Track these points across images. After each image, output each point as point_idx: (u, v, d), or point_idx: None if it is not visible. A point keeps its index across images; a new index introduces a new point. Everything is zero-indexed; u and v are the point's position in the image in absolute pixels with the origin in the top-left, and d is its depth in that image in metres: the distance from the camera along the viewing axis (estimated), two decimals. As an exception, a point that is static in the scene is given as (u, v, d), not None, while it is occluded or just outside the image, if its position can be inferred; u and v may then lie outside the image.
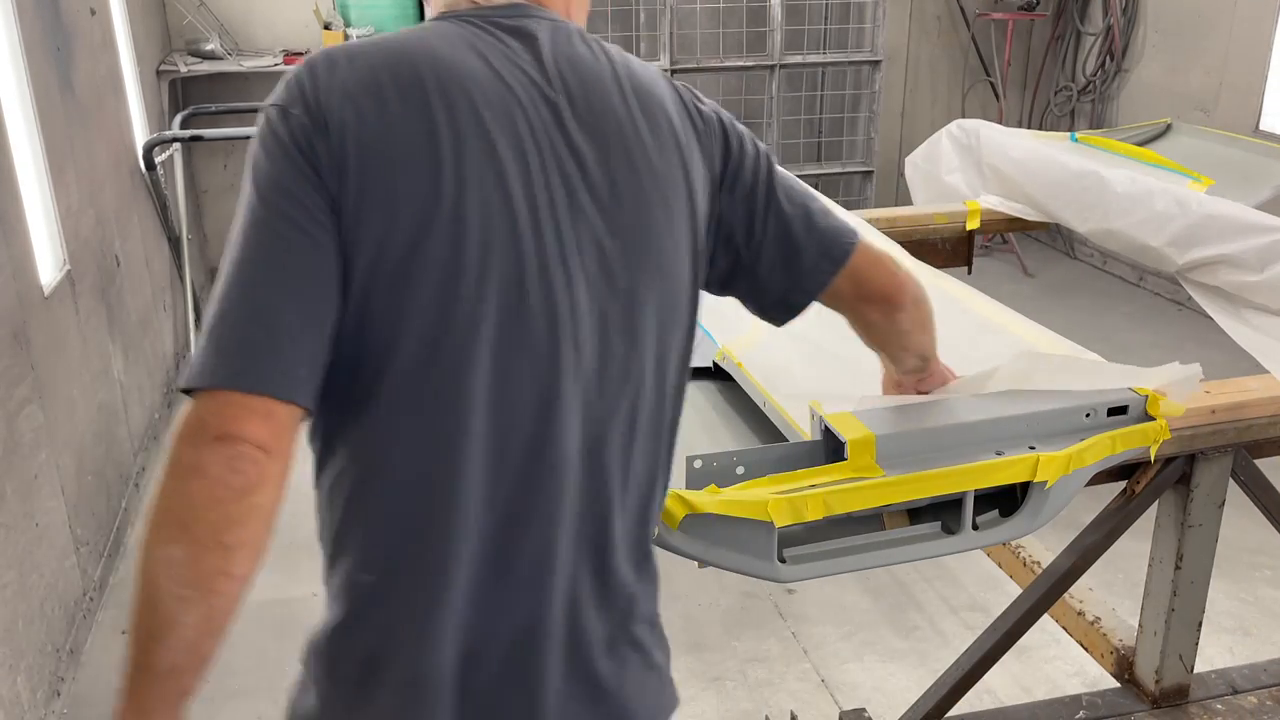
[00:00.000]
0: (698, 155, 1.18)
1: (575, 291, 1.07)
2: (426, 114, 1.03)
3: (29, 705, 2.49)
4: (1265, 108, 5.15)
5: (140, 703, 0.96)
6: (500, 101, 1.06)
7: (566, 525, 1.09)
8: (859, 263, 1.30)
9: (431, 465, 1.04)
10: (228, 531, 0.96)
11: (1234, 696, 2.07)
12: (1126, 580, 3.15)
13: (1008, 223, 3.40)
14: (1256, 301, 2.61)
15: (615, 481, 1.12)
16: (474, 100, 1.05)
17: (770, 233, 1.25)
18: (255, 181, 1.02)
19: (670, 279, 1.14)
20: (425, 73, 1.05)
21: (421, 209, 1.01)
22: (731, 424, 1.89)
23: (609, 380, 1.10)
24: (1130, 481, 1.92)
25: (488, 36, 1.11)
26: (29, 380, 2.68)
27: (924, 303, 1.42)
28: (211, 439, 0.96)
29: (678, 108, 1.18)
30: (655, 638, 1.29)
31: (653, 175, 1.12)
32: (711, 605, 3.13)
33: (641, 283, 1.11)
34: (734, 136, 1.24)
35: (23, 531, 2.55)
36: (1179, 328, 5.34)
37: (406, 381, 1.02)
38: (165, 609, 0.95)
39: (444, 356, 1.02)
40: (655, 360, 1.13)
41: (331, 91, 1.03)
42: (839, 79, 6.37)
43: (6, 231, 2.66)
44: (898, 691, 2.76)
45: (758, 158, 1.25)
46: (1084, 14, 6.27)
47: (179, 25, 5.46)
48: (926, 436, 1.52)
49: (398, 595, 1.06)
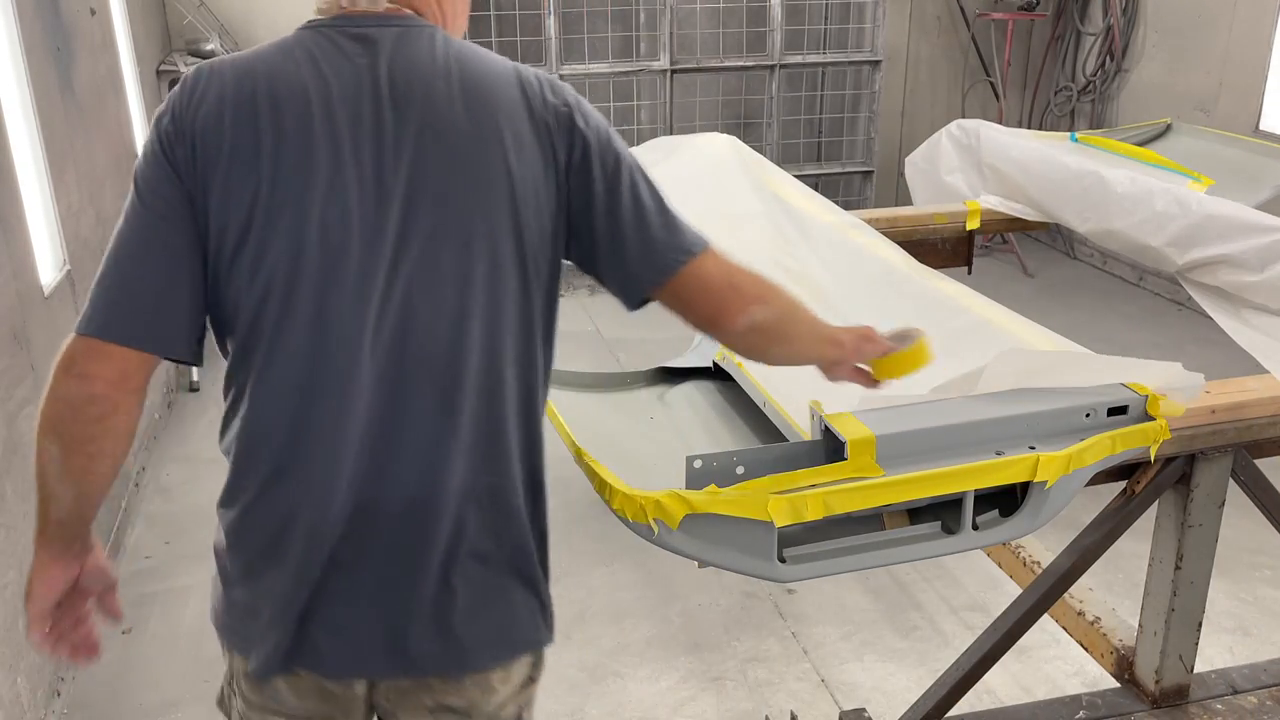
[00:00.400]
0: (532, 143, 1.33)
1: (380, 248, 1.28)
2: (254, 124, 1.27)
3: (29, 705, 2.49)
4: (1265, 108, 5.15)
5: (44, 543, 1.46)
6: (323, 102, 1.28)
7: (353, 446, 1.31)
8: (686, 282, 1.39)
9: (296, 382, 1.30)
10: (89, 443, 1.35)
11: (1234, 696, 2.07)
12: (1126, 580, 3.15)
13: (1008, 223, 3.41)
14: (1256, 301, 2.61)
15: (432, 405, 1.32)
16: (299, 105, 1.28)
17: (603, 231, 1.38)
18: (135, 178, 1.31)
19: (475, 237, 1.31)
20: (260, 87, 1.29)
21: (248, 201, 1.26)
22: (731, 424, 1.89)
23: (416, 314, 1.30)
24: (1130, 481, 1.92)
25: (329, 45, 1.32)
26: (29, 380, 2.68)
27: (769, 329, 1.45)
28: (76, 374, 1.30)
29: (518, 103, 1.34)
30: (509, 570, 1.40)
31: (464, 154, 1.30)
32: (711, 605, 3.13)
33: (443, 235, 1.30)
34: (581, 133, 1.36)
35: (23, 531, 2.55)
36: (1179, 328, 5.34)
37: (250, 333, 1.30)
38: (49, 486, 1.44)
39: (272, 310, 1.28)
40: (461, 299, 1.31)
41: (191, 106, 1.29)
42: (839, 79, 6.37)
43: (6, 231, 2.66)
44: (898, 691, 2.77)
45: (604, 156, 1.37)
46: (1084, 14, 6.27)
47: (179, 25, 5.46)
48: (926, 436, 1.53)
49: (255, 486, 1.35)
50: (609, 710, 2.72)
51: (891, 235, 2.78)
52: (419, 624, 1.34)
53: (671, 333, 4.20)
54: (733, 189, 2.95)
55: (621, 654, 2.92)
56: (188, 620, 3.09)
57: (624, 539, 3.37)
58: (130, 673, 2.87)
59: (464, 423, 1.33)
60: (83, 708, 2.74)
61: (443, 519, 1.33)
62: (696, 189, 2.97)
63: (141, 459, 3.86)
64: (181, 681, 2.84)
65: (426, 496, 1.32)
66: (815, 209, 2.78)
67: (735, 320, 1.42)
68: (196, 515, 3.65)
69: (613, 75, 5.86)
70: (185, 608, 3.14)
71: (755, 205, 2.82)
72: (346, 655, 1.36)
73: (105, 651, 3.11)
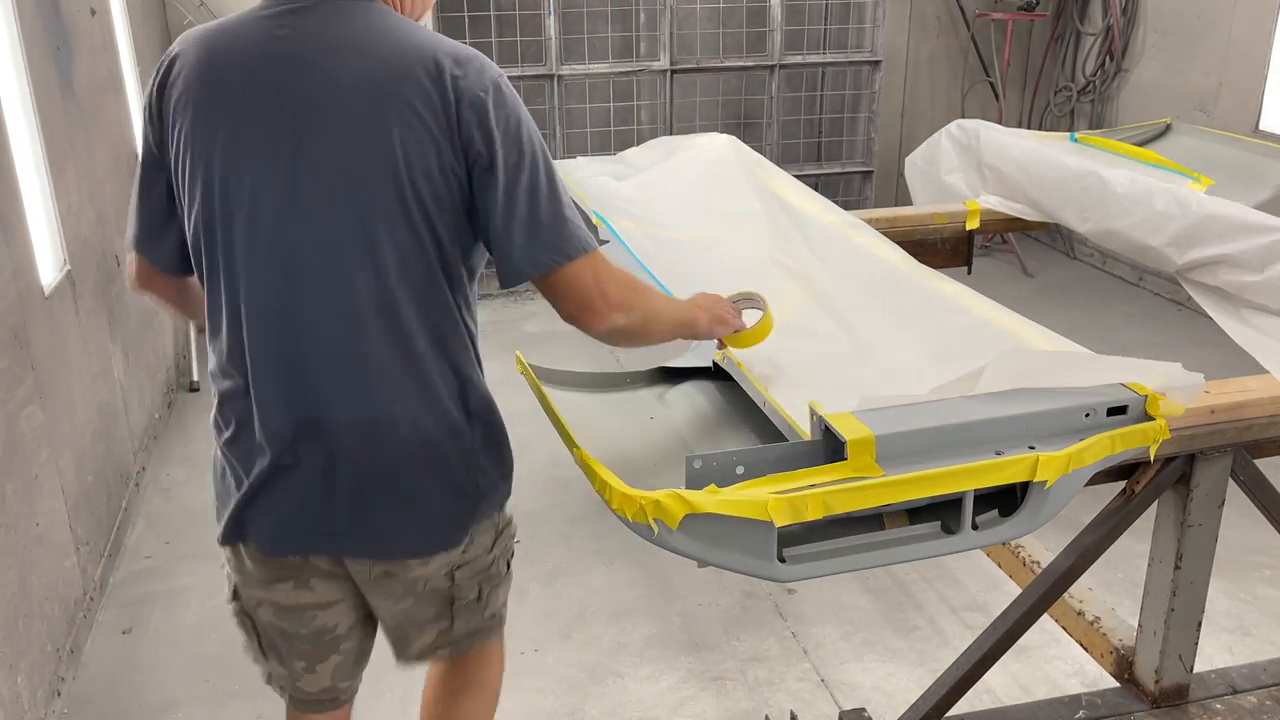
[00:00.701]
0: (431, 117, 1.48)
1: (271, 197, 1.51)
2: (192, 87, 1.55)
3: (29, 705, 2.49)
4: (1265, 108, 5.15)
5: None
6: (239, 69, 1.53)
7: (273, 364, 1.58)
8: (557, 281, 1.56)
9: (229, 308, 1.58)
10: (155, 307, 1.92)
11: (1233, 696, 2.07)
12: (1126, 580, 3.15)
13: (1007, 223, 3.41)
14: (1256, 301, 2.61)
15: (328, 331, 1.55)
16: (222, 72, 1.53)
17: (497, 216, 1.53)
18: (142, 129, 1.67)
19: (355, 192, 1.50)
20: (205, 57, 1.55)
21: (181, 152, 1.56)
22: (731, 424, 1.89)
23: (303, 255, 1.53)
24: (1130, 481, 1.92)
25: (266, 19, 1.54)
26: (29, 380, 2.68)
27: (628, 331, 1.64)
28: (128, 270, 1.76)
29: (424, 80, 1.48)
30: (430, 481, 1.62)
31: (351, 118, 1.49)
32: (711, 605, 3.13)
33: (325, 187, 1.50)
34: (490, 122, 1.49)
35: (23, 531, 2.55)
36: (1179, 328, 5.34)
37: (195, 255, 1.61)
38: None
39: (201, 248, 1.59)
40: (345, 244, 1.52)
41: (163, 68, 1.59)
42: (839, 79, 6.37)
43: (7, 231, 2.66)
44: (898, 691, 2.77)
45: (509, 148, 1.51)
46: (1084, 14, 6.27)
47: (179, 25, 5.46)
48: (926, 436, 1.53)
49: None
50: (609, 710, 2.72)
51: (891, 235, 2.78)
52: (338, 519, 1.62)
53: (671, 333, 4.13)
54: (732, 189, 2.95)
55: (621, 654, 2.92)
56: (188, 620, 3.09)
57: (624, 539, 3.38)
58: (130, 673, 2.87)
59: (370, 352, 1.54)
60: (83, 708, 2.74)
61: (362, 437, 1.56)
62: (696, 189, 2.97)
63: (141, 459, 3.86)
64: (181, 681, 2.84)
65: (353, 419, 1.56)
66: (815, 209, 2.78)
67: (597, 324, 1.60)
68: (196, 515, 3.65)
69: (613, 75, 5.86)
70: (185, 608, 3.15)
71: (755, 205, 2.82)
72: (279, 538, 1.67)
73: (105, 651, 3.12)
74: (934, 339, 2.04)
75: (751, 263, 2.59)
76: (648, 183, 3.09)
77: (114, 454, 3.48)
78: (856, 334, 2.12)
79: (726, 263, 2.57)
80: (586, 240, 1.58)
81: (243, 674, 2.86)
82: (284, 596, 1.73)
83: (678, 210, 2.88)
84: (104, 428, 3.39)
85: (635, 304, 1.63)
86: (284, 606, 1.74)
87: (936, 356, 1.97)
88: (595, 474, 1.46)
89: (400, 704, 2.71)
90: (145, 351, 4.11)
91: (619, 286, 1.61)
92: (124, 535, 3.47)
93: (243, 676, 2.85)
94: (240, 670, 2.88)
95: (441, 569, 1.71)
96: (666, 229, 2.73)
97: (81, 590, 2.98)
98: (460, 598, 1.76)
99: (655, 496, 1.38)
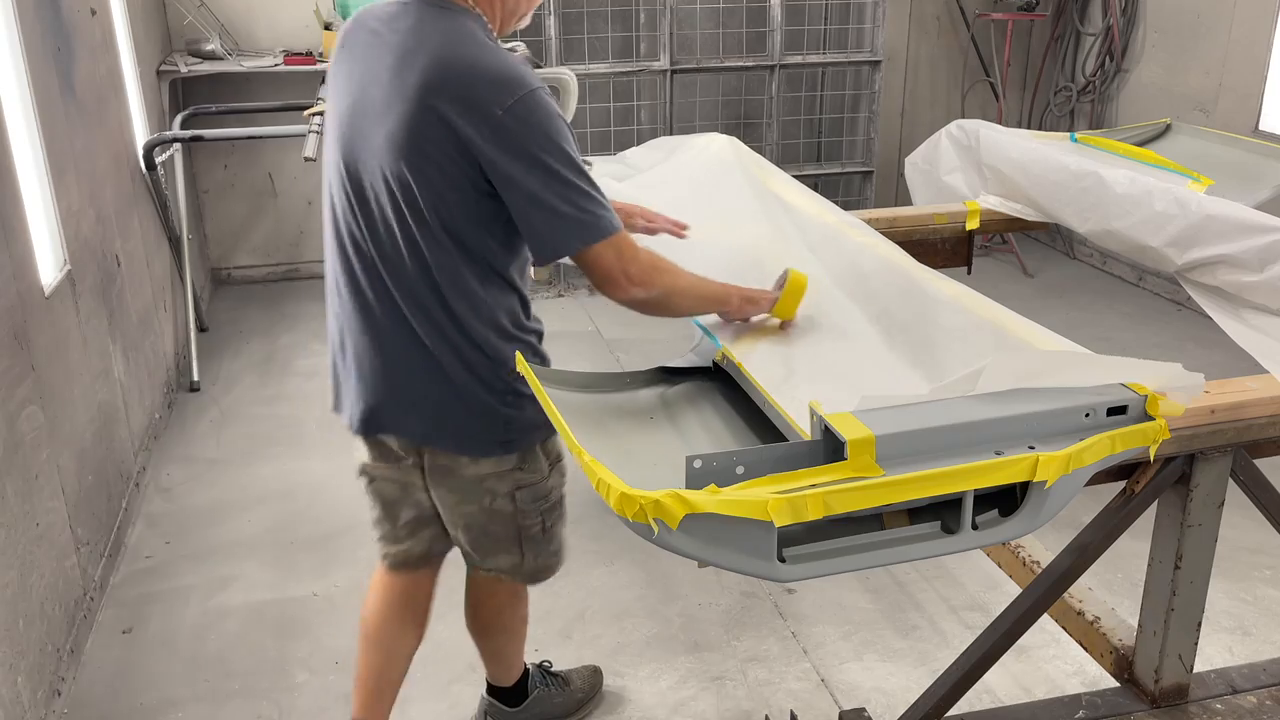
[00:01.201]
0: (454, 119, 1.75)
1: (338, 155, 1.92)
2: (340, 55, 1.96)
3: (29, 705, 2.49)
4: (1265, 108, 5.15)
5: None
6: (364, 47, 1.89)
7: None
8: (582, 260, 1.83)
9: (327, 235, 2.00)
10: None
11: (1233, 696, 2.07)
12: (1126, 580, 3.16)
13: (1007, 223, 3.40)
14: (1256, 301, 2.61)
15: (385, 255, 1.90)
16: (357, 47, 1.91)
17: (522, 212, 1.80)
18: None
19: (383, 149, 1.82)
20: (350, 31, 1.94)
21: (331, 104, 1.97)
22: (731, 424, 1.89)
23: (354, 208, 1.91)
24: (1130, 481, 1.92)
25: (385, 12, 1.89)
26: (29, 380, 2.68)
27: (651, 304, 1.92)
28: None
29: (455, 87, 1.75)
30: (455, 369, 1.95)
31: (386, 106, 1.81)
32: (711, 605, 3.13)
33: (364, 146, 1.86)
34: (510, 132, 1.74)
35: (23, 531, 2.55)
36: (1179, 328, 5.35)
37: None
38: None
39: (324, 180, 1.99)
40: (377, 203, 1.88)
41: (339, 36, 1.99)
42: (839, 79, 6.38)
43: (7, 232, 2.66)
44: (898, 691, 2.77)
45: (526, 154, 1.74)
46: (1084, 14, 6.27)
47: (179, 25, 5.46)
48: (926, 436, 1.52)
49: None
50: (609, 710, 2.72)
51: (891, 235, 2.78)
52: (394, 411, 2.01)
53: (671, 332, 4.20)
54: (732, 189, 2.94)
55: (621, 654, 2.93)
56: (188, 620, 3.09)
57: (624, 539, 3.38)
58: (130, 673, 2.87)
59: (394, 290, 1.89)
60: (83, 708, 2.74)
61: (399, 356, 1.94)
62: (696, 189, 2.97)
63: (141, 459, 3.86)
64: (181, 681, 2.84)
65: (387, 340, 1.94)
66: (815, 209, 2.78)
67: (620, 296, 1.87)
68: (197, 515, 3.65)
69: (613, 75, 5.86)
70: (185, 608, 3.15)
71: (754, 205, 2.82)
72: (355, 418, 2.06)
73: (105, 651, 3.12)
74: (934, 339, 2.04)
75: (751, 263, 2.59)
76: (648, 183, 3.09)
77: (114, 454, 3.48)
78: (856, 334, 2.12)
79: (726, 263, 2.57)
80: (609, 225, 1.81)
81: (243, 674, 2.86)
82: (382, 471, 2.13)
83: (677, 210, 2.87)
84: (104, 428, 3.39)
85: (657, 281, 1.88)
86: (383, 479, 2.14)
87: (937, 356, 1.97)
88: (595, 474, 1.46)
89: (400, 704, 2.71)
90: (145, 351, 4.11)
91: (640, 266, 1.85)
92: (124, 535, 3.47)
93: (243, 676, 2.85)
94: (240, 670, 2.88)
95: (500, 485, 2.03)
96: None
97: (81, 590, 2.98)
98: (527, 526, 2.10)
99: (655, 496, 1.38)
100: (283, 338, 5.28)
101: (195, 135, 4.71)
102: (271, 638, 3.00)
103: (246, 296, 5.89)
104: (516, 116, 1.73)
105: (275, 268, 6.12)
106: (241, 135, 4.87)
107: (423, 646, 2.74)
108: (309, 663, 2.89)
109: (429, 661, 2.87)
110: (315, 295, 5.90)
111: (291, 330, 5.38)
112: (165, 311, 4.62)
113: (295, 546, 3.47)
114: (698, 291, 1.99)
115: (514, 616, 2.42)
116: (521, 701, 2.60)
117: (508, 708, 2.60)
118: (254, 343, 5.22)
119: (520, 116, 1.73)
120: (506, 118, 1.73)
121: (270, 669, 2.88)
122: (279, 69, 5.24)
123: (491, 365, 1.93)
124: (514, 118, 1.73)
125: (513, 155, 1.74)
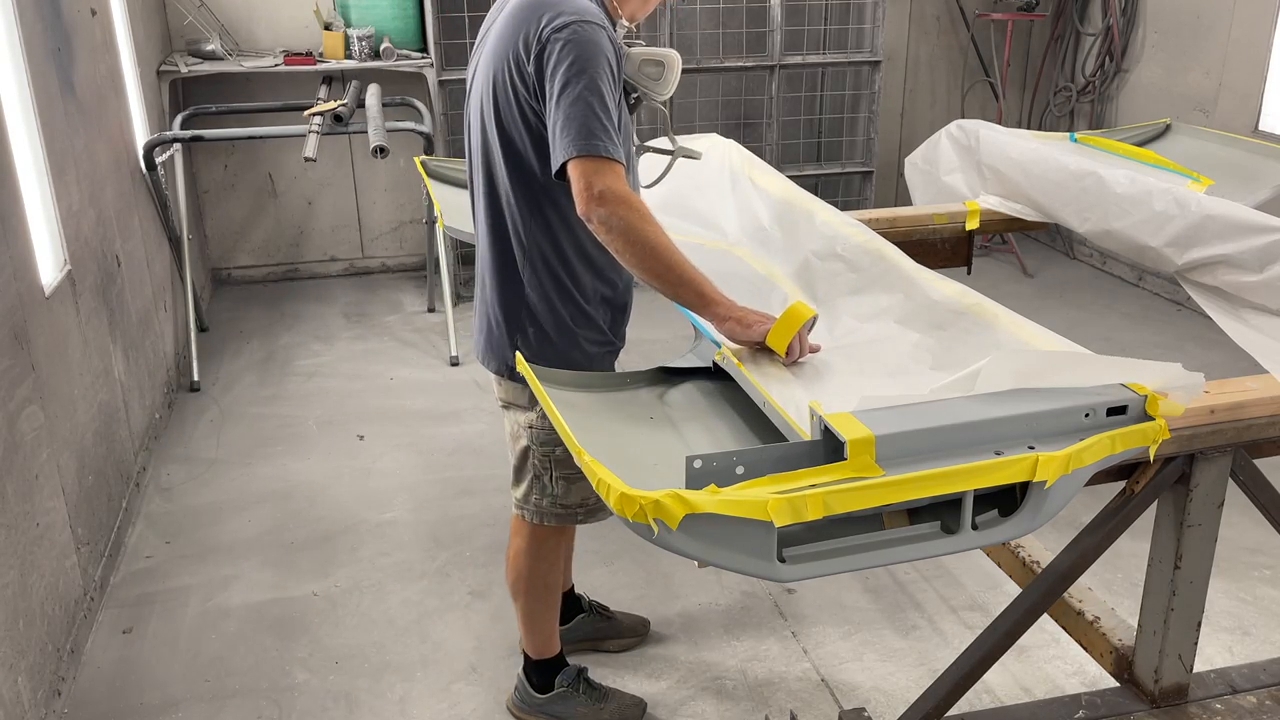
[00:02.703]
0: (525, 48, 2.01)
1: (474, 97, 2.21)
2: (487, 24, 2.24)
3: (29, 705, 2.49)
4: (1265, 108, 5.15)
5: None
6: (495, 14, 2.19)
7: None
8: (568, 171, 1.95)
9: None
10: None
11: (1233, 696, 2.07)
12: (1126, 580, 3.16)
13: (1007, 223, 3.40)
14: (1256, 301, 2.61)
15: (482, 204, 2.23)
16: (493, 16, 2.21)
17: (549, 117, 1.98)
18: None
19: (484, 95, 2.13)
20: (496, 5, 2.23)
21: (472, 64, 2.27)
22: (731, 424, 1.89)
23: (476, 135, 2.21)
24: (1129, 481, 1.92)
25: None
26: (30, 380, 2.68)
27: (607, 237, 1.97)
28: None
29: (528, 24, 2.01)
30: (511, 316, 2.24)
31: (493, 50, 2.11)
32: (711, 605, 3.13)
33: (479, 93, 2.16)
34: (551, 51, 1.96)
35: (23, 531, 2.55)
36: (1179, 328, 5.35)
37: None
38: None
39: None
40: (482, 133, 2.18)
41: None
42: (839, 79, 6.38)
43: (7, 232, 2.67)
44: (898, 691, 2.77)
45: (556, 69, 1.95)
46: (1084, 14, 6.27)
47: (180, 25, 5.46)
48: (926, 436, 1.53)
49: None
50: (609, 710, 2.72)
51: (891, 235, 2.78)
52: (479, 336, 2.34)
53: (671, 332, 4.20)
54: (730, 190, 2.95)
55: (621, 654, 2.93)
56: (188, 620, 3.09)
57: (624, 539, 3.38)
58: (130, 673, 2.87)
59: (484, 210, 2.21)
60: (83, 707, 2.74)
61: (485, 275, 2.25)
62: (694, 189, 2.97)
63: (141, 459, 3.86)
64: (181, 681, 2.84)
65: (481, 257, 2.26)
66: (813, 210, 2.78)
67: (583, 210, 1.94)
68: (196, 515, 3.65)
69: (613, 75, 5.86)
70: (185, 608, 3.15)
71: (753, 206, 2.82)
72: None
73: (105, 651, 3.11)
74: (934, 339, 2.04)
75: (749, 264, 2.60)
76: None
77: (114, 454, 3.48)
78: (856, 334, 2.12)
79: (723, 264, 2.57)
80: (603, 148, 1.92)
81: (243, 674, 2.86)
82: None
83: (677, 211, 2.88)
84: (104, 428, 3.39)
85: (622, 214, 1.93)
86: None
87: (936, 356, 1.97)
88: (595, 474, 1.46)
89: (400, 704, 2.71)
90: (145, 351, 4.11)
91: (614, 193, 1.92)
92: (124, 535, 3.47)
93: (243, 676, 2.85)
94: (240, 670, 2.88)
95: (520, 416, 2.29)
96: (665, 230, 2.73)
97: (81, 590, 2.98)
98: (536, 465, 2.30)
99: (655, 496, 1.38)
100: (283, 338, 5.28)
101: (195, 135, 4.71)
102: (271, 638, 3.00)
103: (246, 296, 5.89)
104: (564, 39, 1.95)
105: (275, 268, 6.13)
106: (241, 135, 4.87)
107: (423, 646, 2.74)
108: (309, 663, 2.90)
109: (429, 661, 2.87)
110: (315, 295, 5.92)
111: (291, 330, 5.38)
112: (165, 311, 4.63)
113: (295, 546, 3.47)
114: (669, 260, 1.98)
115: (534, 574, 2.48)
116: (547, 691, 2.62)
117: (531, 688, 2.63)
118: (254, 343, 5.22)
119: (567, 39, 1.95)
120: (555, 38, 1.95)
121: (270, 669, 2.88)
122: (279, 69, 5.24)
123: (515, 267, 2.18)
124: (562, 40, 1.95)
125: (551, 69, 1.95)
